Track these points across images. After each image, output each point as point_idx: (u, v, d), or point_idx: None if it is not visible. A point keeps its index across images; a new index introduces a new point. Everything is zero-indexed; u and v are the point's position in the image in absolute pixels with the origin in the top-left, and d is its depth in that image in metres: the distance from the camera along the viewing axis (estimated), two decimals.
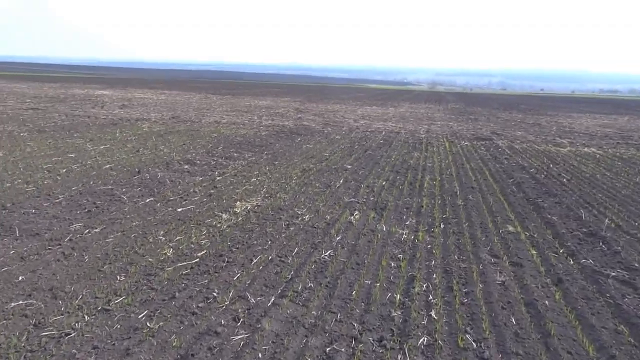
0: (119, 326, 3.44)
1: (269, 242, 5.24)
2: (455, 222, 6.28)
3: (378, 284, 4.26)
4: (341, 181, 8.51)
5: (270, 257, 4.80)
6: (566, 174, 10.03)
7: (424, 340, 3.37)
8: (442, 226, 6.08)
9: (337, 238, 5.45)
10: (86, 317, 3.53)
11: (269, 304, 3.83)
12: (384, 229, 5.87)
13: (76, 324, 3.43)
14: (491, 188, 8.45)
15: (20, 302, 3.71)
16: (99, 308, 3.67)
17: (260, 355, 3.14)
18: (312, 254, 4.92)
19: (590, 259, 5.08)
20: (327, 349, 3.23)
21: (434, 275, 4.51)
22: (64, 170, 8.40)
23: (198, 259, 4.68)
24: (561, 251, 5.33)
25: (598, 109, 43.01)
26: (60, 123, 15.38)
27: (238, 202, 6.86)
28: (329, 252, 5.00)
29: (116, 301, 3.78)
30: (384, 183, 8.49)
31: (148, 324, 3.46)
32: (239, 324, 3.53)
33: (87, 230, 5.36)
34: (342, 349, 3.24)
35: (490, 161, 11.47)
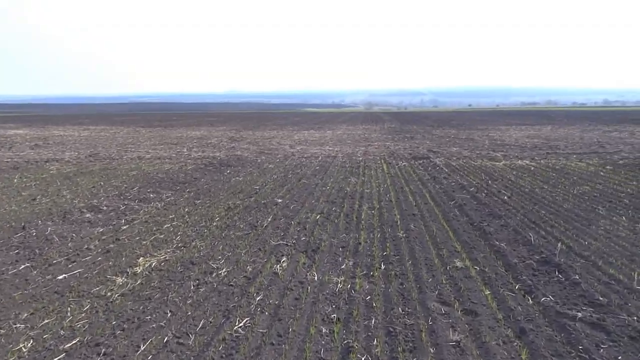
0: None
1: (169, 315, 4.12)
2: (397, 261, 5.46)
3: None
4: (269, 219, 7.52)
5: (165, 339, 3.68)
6: (506, 191, 9.68)
7: None
8: (382, 267, 5.24)
9: (258, 298, 4.43)
10: None
11: None
12: (316, 279, 4.93)
13: None
14: (433, 213, 7.81)
15: None
16: None
17: None
18: (223, 327, 3.86)
19: (549, 294, 4.41)
20: None
21: (375, 341, 3.60)
22: None
23: (63, 355, 3.46)
24: (517, 287, 4.64)
25: (522, 120, 45.42)
26: None
27: (141, 258, 5.65)
28: (245, 320, 3.96)
29: None
30: (317, 217, 7.60)
31: None
32: None
33: None
34: None
35: (429, 182, 10.97)
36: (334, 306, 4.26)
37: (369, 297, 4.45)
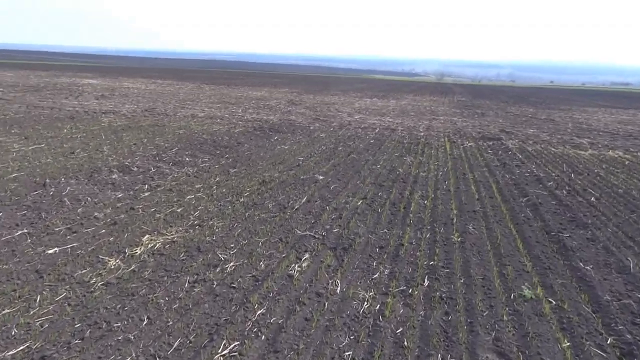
0: None
1: (144, 323, 3.32)
2: (445, 276, 4.32)
3: None
4: (304, 200, 6.56)
5: None
6: (594, 189, 8.00)
7: None
8: (425, 284, 4.13)
9: (259, 312, 3.52)
10: None
11: None
12: (338, 290, 3.93)
13: None
14: (499, 212, 6.45)
15: None
16: None
17: None
18: (200, 354, 2.99)
19: None
20: None
21: None
22: None
23: None
24: (609, 342, 3.36)
25: (613, 102, 40.52)
26: (12, 116, 13.50)
27: (147, 236, 4.94)
28: (232, 346, 3.07)
29: None
30: (359, 203, 6.52)
31: None
32: None
33: None
34: None
35: (498, 169, 9.44)
36: (352, 337, 3.26)
37: (400, 329, 3.39)
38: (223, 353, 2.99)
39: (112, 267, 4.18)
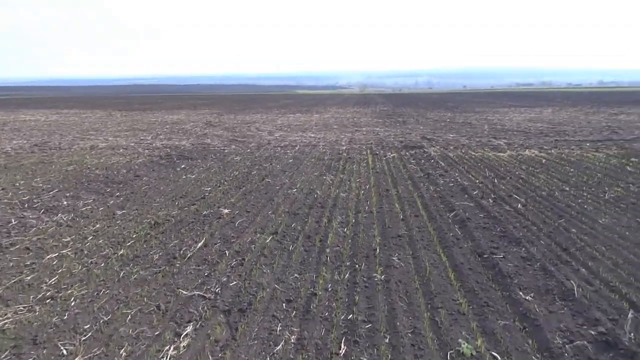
0: None
1: None
2: (367, 337, 3.41)
3: None
4: (200, 244, 5.41)
5: None
6: (519, 195, 7.61)
7: None
8: (341, 353, 3.18)
9: None
10: None
11: None
12: None
13: None
14: (426, 234, 5.73)
15: None
16: None
17: None
18: None
19: None
20: None
21: None
22: None
23: None
24: None
25: (520, 102, 43.23)
26: None
27: None
28: None
29: None
30: (267, 241, 5.50)
31: None
32: None
33: None
34: None
35: (422, 181, 8.88)
36: None
37: None
38: None
39: None
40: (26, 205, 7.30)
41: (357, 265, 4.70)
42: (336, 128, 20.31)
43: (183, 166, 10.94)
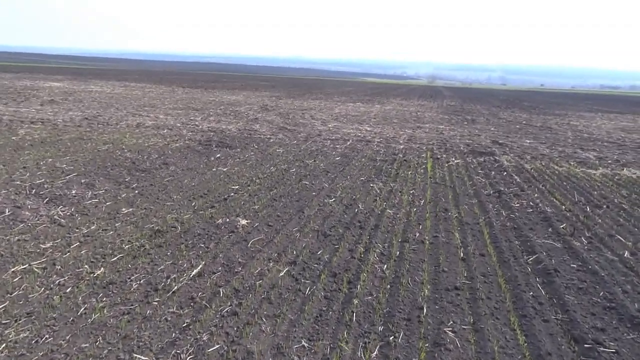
0: None
1: None
2: None
3: None
4: (195, 271, 4.25)
5: None
6: (623, 235, 5.78)
7: None
8: None
9: None
10: None
11: None
12: None
13: None
14: (494, 290, 4.19)
15: None
16: None
17: None
18: None
19: None
20: None
21: None
22: None
23: None
24: None
25: (607, 106, 38.73)
26: None
27: None
28: None
29: None
30: (280, 275, 4.24)
31: None
32: None
33: None
34: None
35: (491, 201, 7.21)
36: None
37: None
38: None
39: None
40: (33, 192, 6.54)
41: (392, 336, 3.31)
42: (396, 122, 18.61)
43: (218, 155, 9.93)
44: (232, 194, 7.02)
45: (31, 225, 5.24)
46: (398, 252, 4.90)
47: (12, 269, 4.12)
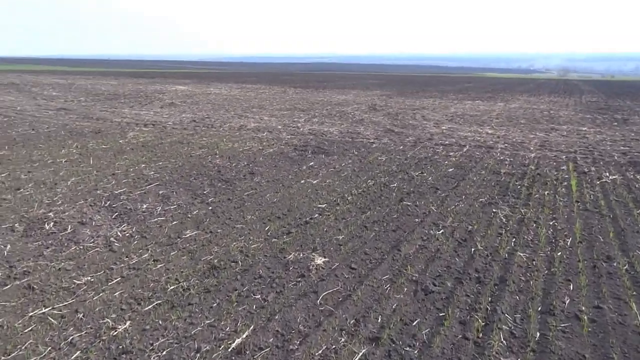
0: None
1: None
2: None
3: None
4: (234, 343, 3.09)
5: None
6: None
7: None
8: None
9: None
10: None
11: None
12: None
13: None
14: None
15: None
16: None
17: None
18: None
19: None
20: None
21: None
22: None
23: None
24: None
25: None
26: (44, 130, 11.95)
27: None
28: None
29: None
30: None
31: None
32: None
33: None
34: None
35: None
36: None
37: None
38: None
39: None
40: (107, 204, 6.07)
41: None
42: (523, 124, 15.88)
43: (312, 163, 8.86)
44: (317, 214, 5.82)
45: (83, 249, 4.60)
46: (538, 335, 3.21)
47: (31, 313, 3.39)
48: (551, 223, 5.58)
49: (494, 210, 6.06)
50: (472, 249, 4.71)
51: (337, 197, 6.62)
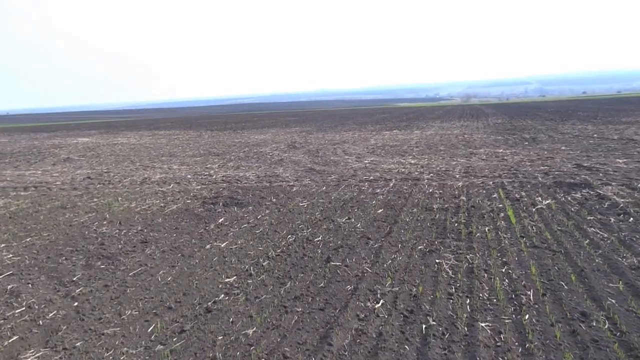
0: None
1: None
2: None
3: None
4: None
5: None
6: None
7: None
8: None
9: None
10: None
11: None
12: None
13: None
14: None
15: None
16: None
17: None
18: None
19: None
20: None
21: None
22: None
23: None
24: None
25: None
26: None
27: None
28: None
29: None
30: None
31: None
32: None
33: None
34: None
35: (635, 277, 4.27)
36: None
37: None
38: None
39: None
40: None
41: None
42: (443, 150, 15.76)
43: (222, 220, 7.48)
44: (222, 295, 4.46)
45: None
46: None
47: None
48: (504, 270, 4.70)
49: (437, 260, 5.09)
50: (424, 326, 3.62)
51: (250, 265, 5.31)
